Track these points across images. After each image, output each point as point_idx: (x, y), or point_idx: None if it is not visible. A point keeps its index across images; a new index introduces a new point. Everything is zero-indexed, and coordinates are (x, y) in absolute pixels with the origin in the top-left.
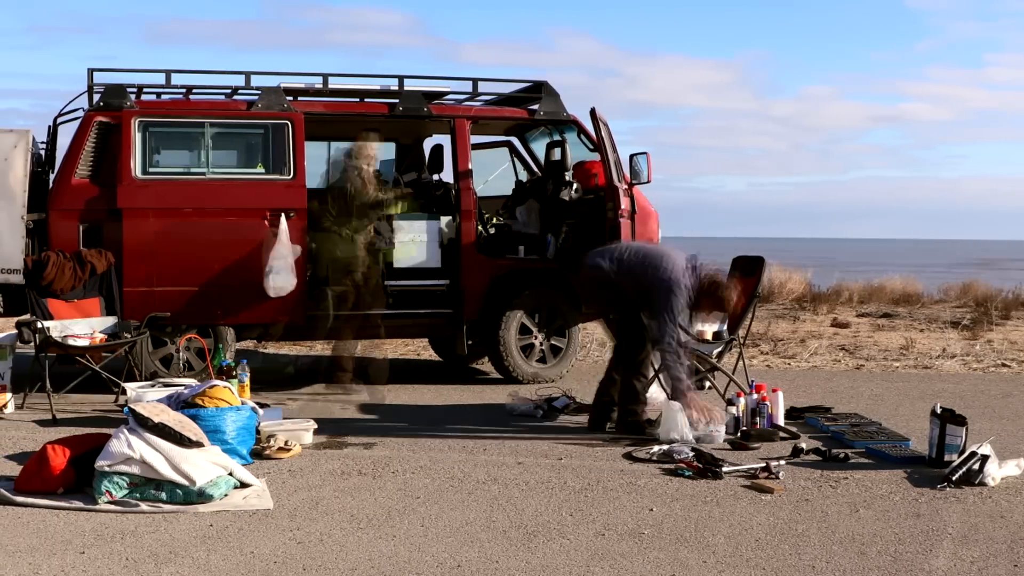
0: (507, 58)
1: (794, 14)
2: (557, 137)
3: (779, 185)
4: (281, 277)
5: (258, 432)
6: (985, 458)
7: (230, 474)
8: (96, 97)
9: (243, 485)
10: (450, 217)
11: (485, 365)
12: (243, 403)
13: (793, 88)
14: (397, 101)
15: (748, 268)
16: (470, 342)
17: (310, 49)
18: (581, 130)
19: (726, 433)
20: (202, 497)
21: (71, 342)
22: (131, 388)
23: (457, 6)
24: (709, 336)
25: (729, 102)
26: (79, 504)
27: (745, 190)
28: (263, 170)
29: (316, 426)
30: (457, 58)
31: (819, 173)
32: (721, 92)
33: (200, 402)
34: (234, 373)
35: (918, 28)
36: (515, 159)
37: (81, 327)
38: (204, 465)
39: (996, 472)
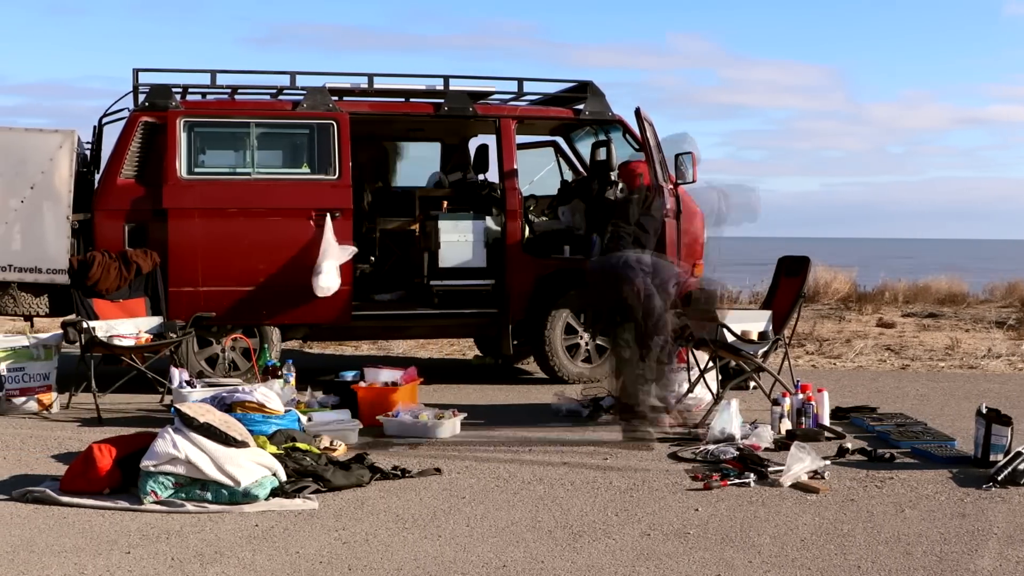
0: (623, 61)
1: (898, 19)
2: (602, 137)
3: (850, 186)
4: (327, 277)
5: (304, 432)
6: None
7: (274, 474)
8: (141, 97)
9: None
10: (495, 217)
11: (530, 365)
12: (287, 410)
13: (891, 92)
14: (442, 101)
15: (793, 268)
16: (515, 342)
17: (426, 53)
18: (626, 130)
19: (772, 431)
20: (247, 497)
21: (116, 342)
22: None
23: (578, 11)
24: (755, 336)
25: (824, 104)
26: (124, 504)
27: (816, 190)
28: (308, 170)
29: (361, 425)
30: (573, 62)
31: (894, 174)
32: (818, 94)
33: (240, 409)
34: (279, 373)
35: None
36: (560, 159)
37: (126, 327)
38: (249, 466)
39: None
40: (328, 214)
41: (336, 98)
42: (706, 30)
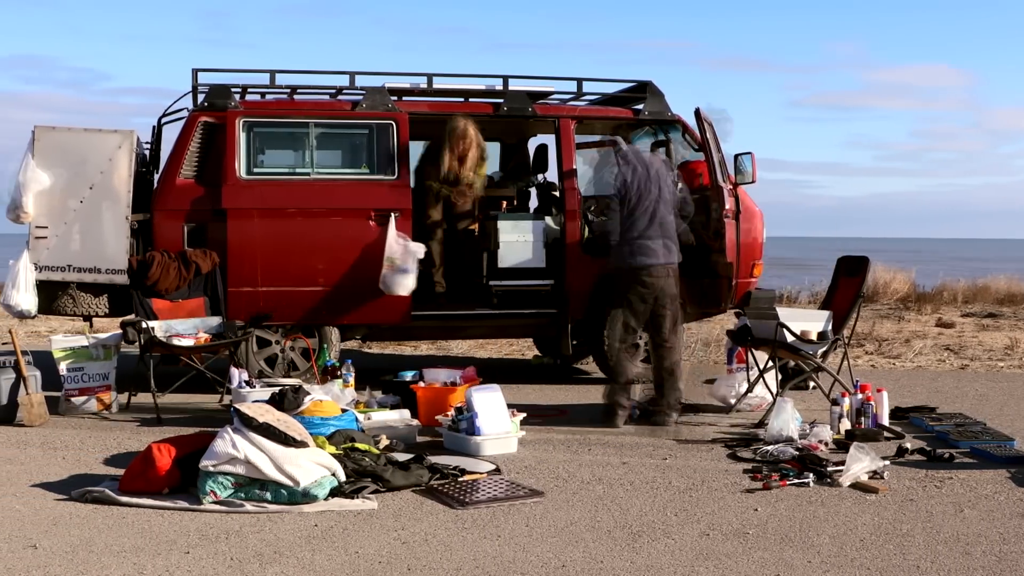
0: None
1: None
2: (662, 137)
3: (952, 187)
4: (393, 278)
5: (363, 432)
6: None
7: (333, 475)
8: (201, 97)
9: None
10: (555, 217)
11: (588, 365)
12: (345, 410)
13: (1017, 96)
14: (502, 101)
15: (852, 268)
16: (575, 342)
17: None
18: (686, 130)
19: (831, 431)
20: (306, 497)
21: (176, 342)
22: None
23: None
24: (814, 336)
25: (945, 106)
26: (184, 504)
27: (916, 191)
28: (367, 170)
29: (420, 425)
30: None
31: (994, 175)
32: (940, 97)
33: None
34: (339, 373)
35: None
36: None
37: (186, 327)
38: (308, 466)
39: None
40: (392, 214)
41: (395, 98)
42: (853, 36)
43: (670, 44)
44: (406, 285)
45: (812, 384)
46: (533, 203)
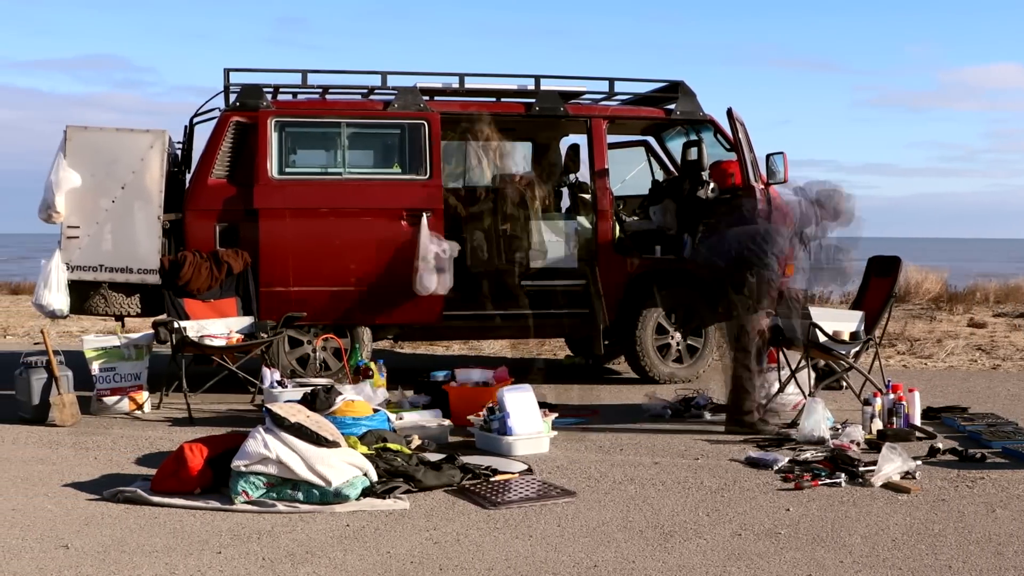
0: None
1: None
2: (694, 137)
3: (1006, 187)
4: (429, 277)
5: (395, 432)
6: None
7: (365, 475)
8: (232, 97)
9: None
10: (587, 217)
11: (620, 365)
12: (376, 410)
13: None
14: (534, 101)
15: (884, 268)
16: (607, 342)
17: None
18: (718, 130)
19: (863, 431)
20: (338, 497)
21: (208, 342)
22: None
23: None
24: (846, 336)
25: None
26: (216, 504)
27: (971, 191)
28: (399, 170)
29: (452, 425)
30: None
31: None
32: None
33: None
34: (370, 373)
35: None
36: (651, 159)
37: (217, 327)
38: (340, 466)
39: None
40: (423, 214)
41: (427, 98)
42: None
43: (746, 45)
44: (443, 284)
45: (844, 384)
46: (565, 203)
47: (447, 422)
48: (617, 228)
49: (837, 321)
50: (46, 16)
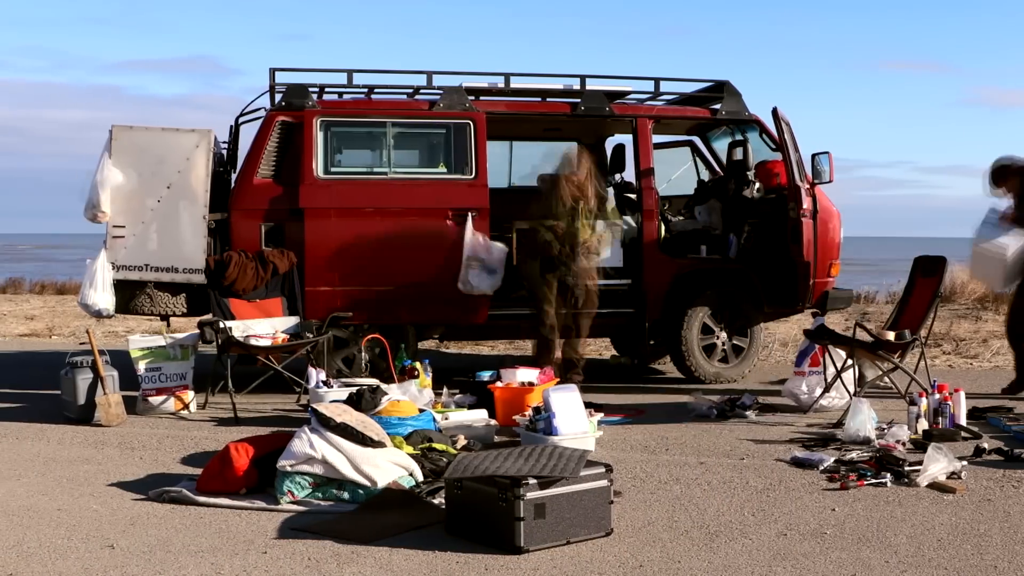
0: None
1: None
2: (739, 137)
3: None
4: (476, 277)
5: (440, 432)
6: None
7: (411, 475)
8: (278, 97)
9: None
10: (632, 216)
11: (665, 365)
12: (422, 411)
13: None
14: (579, 101)
15: (929, 268)
16: (652, 341)
17: None
18: (763, 130)
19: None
20: None
21: (253, 342)
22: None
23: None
24: (891, 336)
25: None
26: (261, 504)
27: None
28: (445, 170)
29: (498, 425)
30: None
31: None
32: None
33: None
34: (416, 373)
35: None
36: (697, 158)
37: (263, 327)
38: (385, 466)
39: None
40: (468, 214)
41: (473, 97)
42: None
43: (859, 45)
44: (492, 284)
45: (888, 384)
46: (611, 203)
47: (493, 422)
48: (663, 228)
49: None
50: (138, 20)
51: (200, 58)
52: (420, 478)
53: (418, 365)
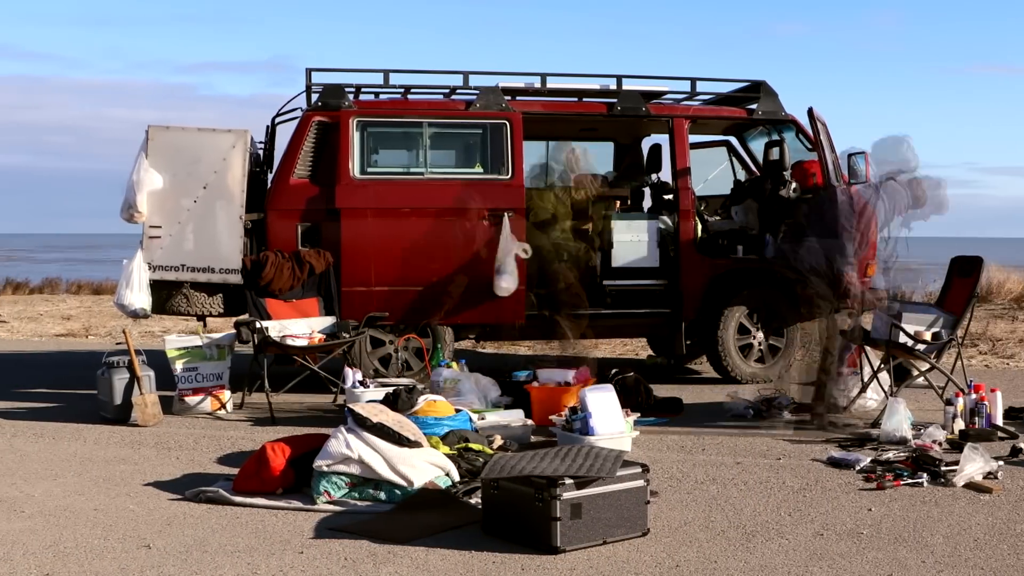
0: None
1: None
2: (775, 137)
3: None
4: (507, 277)
5: (477, 432)
6: None
7: (447, 475)
8: (314, 97)
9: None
10: (669, 216)
11: (701, 365)
12: (458, 411)
13: None
14: (615, 101)
15: (966, 269)
16: (688, 341)
17: None
18: (799, 130)
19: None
20: None
21: (289, 342)
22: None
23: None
24: (928, 336)
25: None
26: (298, 504)
27: None
28: (481, 170)
29: (534, 425)
30: None
31: None
32: None
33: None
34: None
35: None
36: (733, 158)
37: (299, 327)
38: (422, 466)
39: None
40: (505, 214)
41: (509, 97)
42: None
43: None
44: (511, 286)
45: (926, 384)
46: (647, 203)
47: (529, 422)
48: (699, 228)
49: (919, 321)
50: (226, 19)
51: (280, 58)
52: (456, 478)
53: (455, 365)
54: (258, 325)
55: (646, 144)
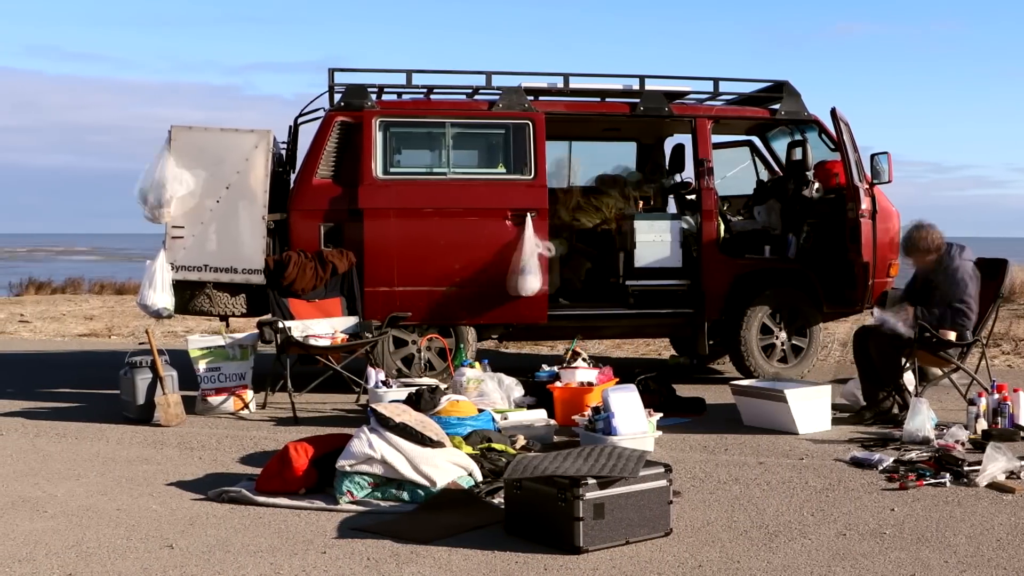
0: None
1: None
2: (798, 137)
3: None
4: (530, 277)
5: (500, 432)
6: None
7: (470, 475)
8: (337, 97)
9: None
10: (691, 216)
11: (724, 365)
12: (481, 411)
13: None
14: (638, 101)
15: (991, 270)
16: (711, 342)
17: None
18: (822, 130)
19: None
20: None
21: (312, 342)
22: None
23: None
24: (952, 337)
25: None
26: (320, 504)
27: None
28: (504, 170)
29: (557, 425)
30: None
31: None
32: None
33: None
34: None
35: None
36: (756, 158)
37: (322, 327)
38: (445, 466)
39: None
40: (527, 214)
41: (532, 98)
42: None
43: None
44: (547, 284)
45: (949, 384)
46: (670, 204)
47: (552, 422)
48: (722, 228)
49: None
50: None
51: (331, 58)
52: (479, 478)
53: (477, 365)
54: (281, 325)
55: (669, 144)
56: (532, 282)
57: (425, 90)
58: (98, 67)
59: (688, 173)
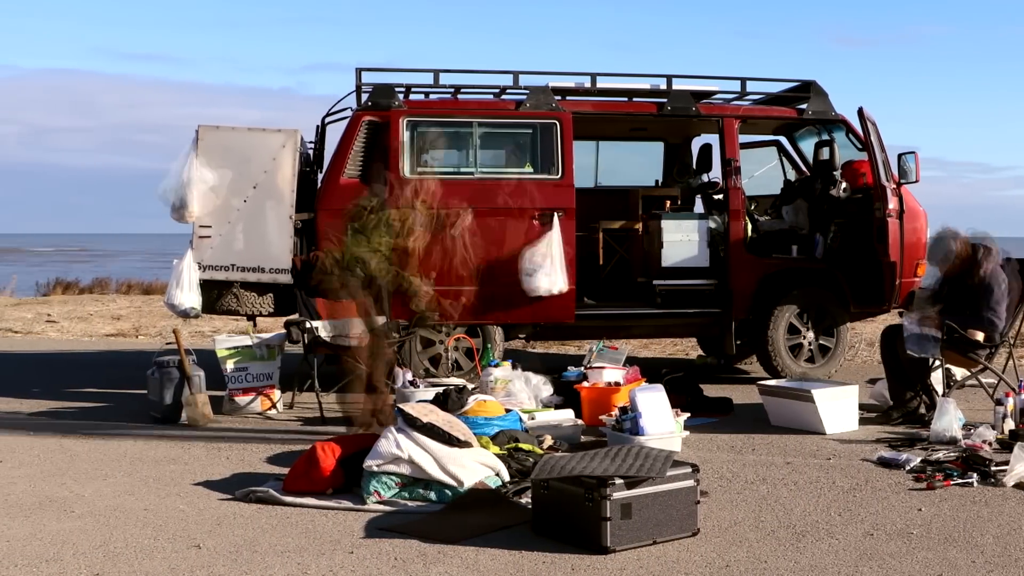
0: None
1: None
2: (825, 136)
3: None
4: (549, 277)
5: (527, 432)
6: None
7: (497, 475)
8: (364, 97)
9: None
10: (719, 216)
11: (751, 365)
12: (509, 410)
13: None
14: (665, 100)
15: (1018, 270)
16: (738, 341)
17: None
18: (849, 129)
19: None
20: None
21: (340, 342)
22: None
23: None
24: (979, 337)
25: None
26: (348, 504)
27: None
28: (531, 170)
29: (584, 425)
30: None
31: None
32: None
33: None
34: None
35: None
36: (783, 158)
37: (349, 327)
38: (472, 466)
39: None
40: (555, 213)
41: (559, 97)
42: None
43: None
44: (553, 286)
45: (976, 384)
46: (697, 204)
47: (579, 422)
48: (749, 228)
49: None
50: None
51: (393, 57)
52: (506, 478)
53: (505, 365)
54: (308, 325)
55: (696, 144)
56: (559, 281)
57: (452, 90)
58: (156, 68)
59: (715, 173)
